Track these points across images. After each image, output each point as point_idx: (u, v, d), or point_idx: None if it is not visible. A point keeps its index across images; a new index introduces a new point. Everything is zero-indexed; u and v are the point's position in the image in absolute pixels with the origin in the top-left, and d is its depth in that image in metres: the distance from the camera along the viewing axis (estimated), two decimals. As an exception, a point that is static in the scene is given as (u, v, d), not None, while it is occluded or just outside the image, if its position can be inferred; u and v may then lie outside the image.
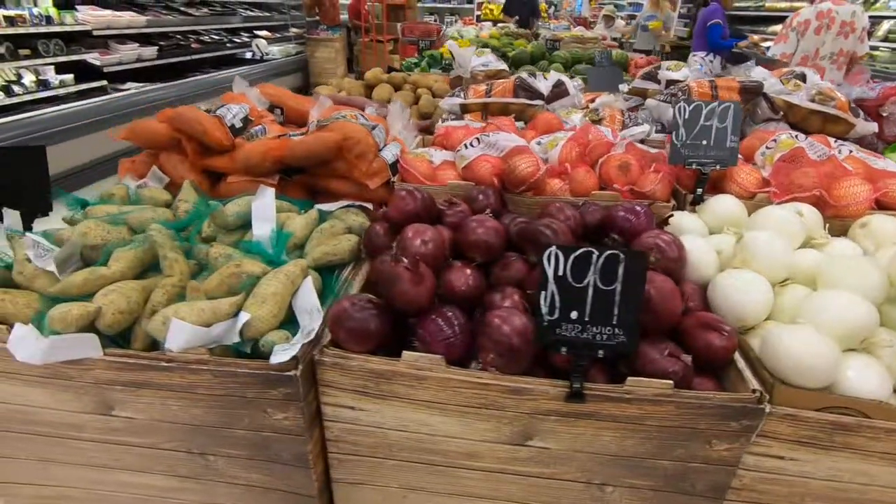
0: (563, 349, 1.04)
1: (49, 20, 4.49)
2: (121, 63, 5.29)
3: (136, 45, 5.46)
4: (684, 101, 1.60)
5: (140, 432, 1.25)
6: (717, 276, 1.30)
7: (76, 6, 4.86)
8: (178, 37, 6.37)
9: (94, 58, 4.97)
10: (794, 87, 2.14)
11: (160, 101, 5.34)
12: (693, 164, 1.62)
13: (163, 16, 6.00)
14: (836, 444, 1.09)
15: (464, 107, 2.40)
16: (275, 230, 1.39)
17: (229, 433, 1.22)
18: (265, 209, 1.39)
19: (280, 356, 1.06)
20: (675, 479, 1.18)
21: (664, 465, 1.16)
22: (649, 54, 6.65)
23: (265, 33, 8.35)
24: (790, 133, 1.83)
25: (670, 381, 1.06)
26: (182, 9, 6.50)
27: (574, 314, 1.02)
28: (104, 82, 5.10)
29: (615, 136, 1.97)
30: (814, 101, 2.08)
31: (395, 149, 1.79)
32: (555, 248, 1.00)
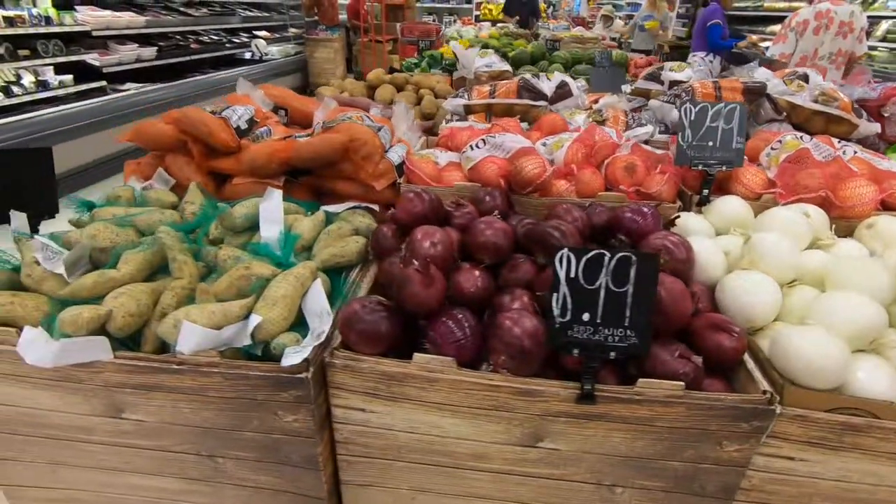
0: (575, 351, 1.04)
1: (48, 21, 4.48)
2: (120, 63, 5.29)
3: (136, 46, 5.46)
4: (690, 103, 1.61)
5: (150, 435, 1.25)
6: (726, 277, 1.30)
7: (75, 6, 4.85)
8: (178, 37, 6.37)
9: (93, 58, 4.96)
10: (797, 87, 2.15)
11: (160, 101, 5.34)
12: (699, 166, 1.62)
13: (162, 16, 5.99)
14: (846, 445, 1.10)
15: (467, 108, 2.40)
16: (283, 232, 1.38)
17: (239, 435, 1.22)
18: (273, 211, 1.39)
19: (291, 359, 1.06)
20: (685, 480, 1.18)
21: (674, 467, 1.16)
22: (648, 54, 6.66)
23: (264, 33, 8.35)
24: (795, 134, 1.84)
25: (681, 383, 1.06)
26: (181, 9, 6.50)
27: (586, 316, 1.02)
28: (103, 83, 5.09)
29: (619, 137, 1.97)
30: (817, 101, 2.08)
31: (400, 150, 1.79)
32: (567, 250, 1.00)
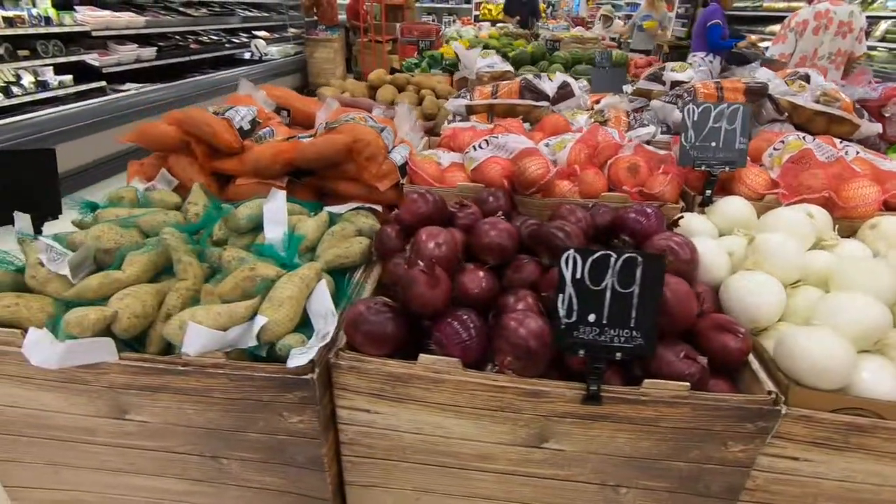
0: (581, 352, 1.04)
1: (48, 21, 4.47)
2: (120, 64, 5.28)
3: (135, 46, 5.45)
4: (693, 104, 1.61)
5: (154, 436, 1.25)
6: (730, 278, 1.30)
7: (75, 7, 4.84)
8: (177, 37, 6.36)
9: (93, 58, 4.95)
10: (798, 88, 2.15)
11: (159, 101, 5.34)
12: (702, 166, 1.62)
13: (161, 16, 5.98)
14: (851, 445, 1.10)
15: (469, 108, 2.40)
16: (287, 233, 1.38)
17: (244, 436, 1.22)
18: (277, 212, 1.39)
19: (297, 360, 1.06)
20: (690, 480, 1.18)
21: (679, 467, 1.16)
22: (648, 54, 6.66)
23: (264, 34, 8.35)
24: (798, 134, 1.84)
25: (687, 383, 1.06)
26: (181, 9, 6.49)
27: (592, 317, 1.02)
28: (103, 83, 5.08)
29: (622, 137, 1.97)
30: (818, 102, 2.09)
31: (403, 151, 1.79)
32: (573, 251, 1.00)
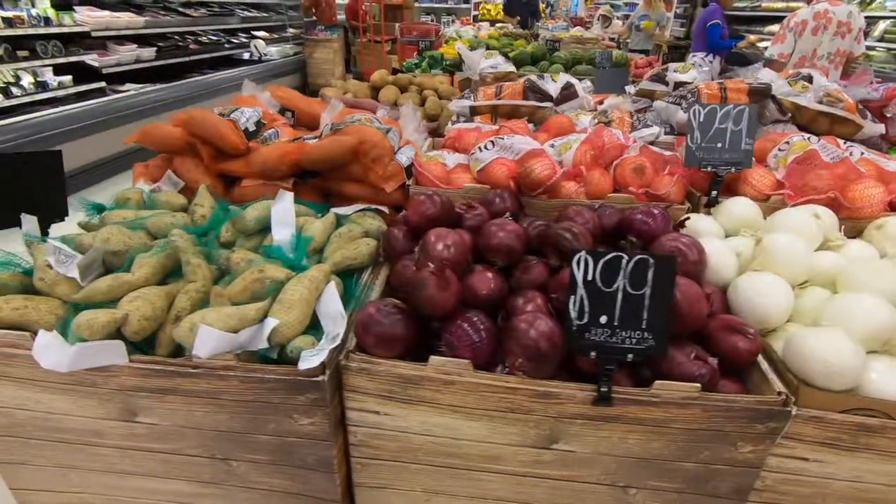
0: (593, 353, 1.04)
1: (47, 21, 4.45)
2: (119, 64, 5.27)
3: (135, 46, 5.44)
4: (699, 105, 1.61)
5: (162, 438, 1.24)
6: (738, 278, 1.30)
7: (74, 7, 4.83)
8: (177, 38, 6.35)
9: (92, 59, 4.94)
10: (801, 88, 2.15)
11: (159, 102, 5.33)
12: (708, 167, 1.62)
13: (161, 16, 5.97)
14: (860, 446, 1.10)
15: (473, 109, 2.40)
16: (294, 235, 1.38)
17: (253, 438, 1.22)
18: (285, 214, 1.39)
19: (309, 362, 1.05)
20: (700, 481, 1.18)
21: (689, 468, 1.17)
22: (646, 54, 6.67)
23: (263, 34, 8.34)
24: (803, 135, 1.84)
25: (698, 385, 1.06)
26: (180, 9, 6.48)
27: (603, 318, 1.03)
28: (103, 83, 5.07)
29: (626, 138, 1.98)
30: (822, 102, 2.09)
31: (409, 152, 1.79)
32: (584, 253, 1.00)
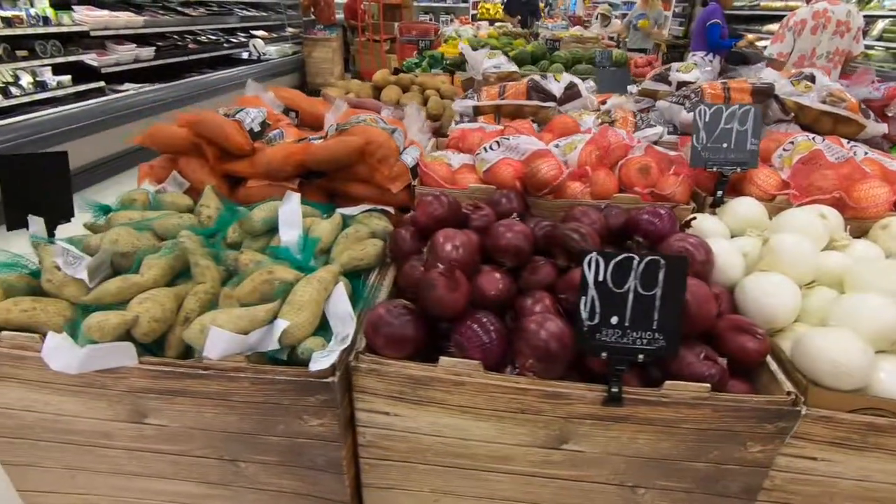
0: (604, 354, 1.04)
1: (46, 21, 4.44)
2: (118, 64, 5.25)
3: (134, 46, 5.42)
4: (705, 105, 1.61)
5: (171, 440, 1.24)
6: (746, 278, 1.31)
7: (73, 6, 4.81)
8: (175, 37, 6.34)
9: (91, 59, 4.92)
10: (804, 88, 2.16)
11: (158, 102, 5.31)
12: (714, 167, 1.63)
13: (160, 16, 5.96)
14: (869, 445, 1.11)
15: (476, 108, 2.40)
16: (302, 236, 1.38)
17: (263, 440, 1.22)
18: (292, 215, 1.39)
19: (320, 363, 1.05)
20: (709, 480, 1.19)
21: (698, 468, 1.17)
22: (645, 53, 6.66)
23: (262, 33, 8.32)
24: (807, 135, 1.84)
25: (708, 385, 1.06)
26: (179, 9, 6.46)
27: (614, 319, 1.03)
28: (102, 83, 5.05)
29: (630, 138, 1.98)
30: (825, 102, 2.10)
31: (414, 152, 1.79)
32: (596, 254, 1.00)
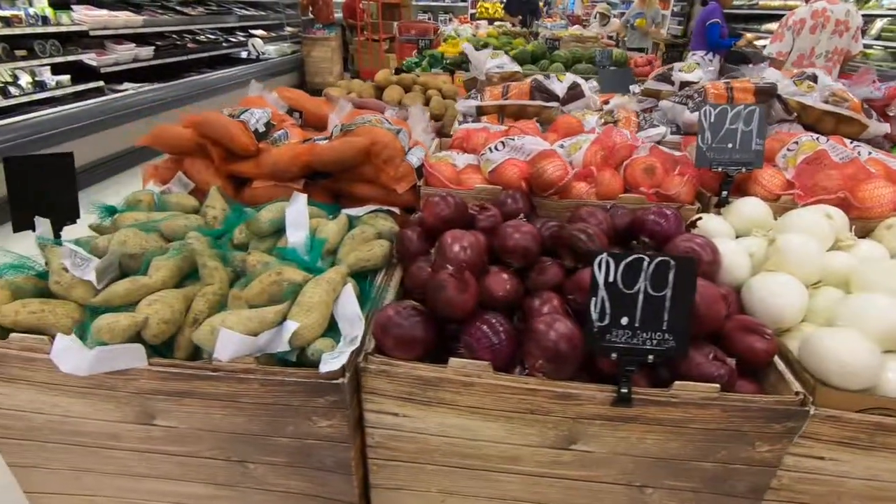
0: (614, 355, 1.05)
1: (45, 20, 4.42)
2: (117, 63, 5.24)
3: (133, 46, 5.41)
4: (710, 105, 1.62)
5: (179, 441, 1.24)
6: (752, 279, 1.31)
7: (72, 6, 4.80)
8: (174, 36, 6.32)
9: (90, 58, 4.91)
10: (807, 88, 2.16)
11: (157, 101, 5.30)
12: (719, 167, 1.63)
13: (159, 15, 5.94)
14: (877, 445, 1.11)
15: (479, 108, 2.41)
16: (309, 237, 1.38)
17: (272, 441, 1.22)
18: (299, 215, 1.39)
19: (330, 364, 1.05)
20: (716, 480, 1.19)
21: (706, 467, 1.17)
22: (643, 52, 6.67)
23: (261, 32, 8.31)
24: (811, 135, 1.85)
25: (717, 385, 1.07)
26: (178, 8, 6.44)
27: (624, 320, 1.03)
28: (101, 83, 5.04)
29: (633, 138, 1.98)
30: (827, 102, 2.10)
31: (419, 153, 1.79)
32: (606, 255, 1.00)
